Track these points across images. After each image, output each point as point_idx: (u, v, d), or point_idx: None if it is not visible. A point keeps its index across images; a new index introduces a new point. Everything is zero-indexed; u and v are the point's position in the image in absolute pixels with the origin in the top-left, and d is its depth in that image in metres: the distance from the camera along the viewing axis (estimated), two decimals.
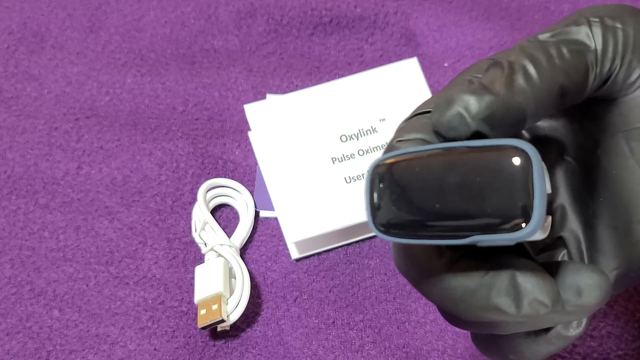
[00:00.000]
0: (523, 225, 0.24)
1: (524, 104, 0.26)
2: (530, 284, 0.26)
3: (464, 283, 0.27)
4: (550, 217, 0.28)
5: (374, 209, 0.26)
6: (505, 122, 0.26)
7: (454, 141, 0.26)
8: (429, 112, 0.29)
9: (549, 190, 0.26)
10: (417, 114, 0.30)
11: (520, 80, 0.26)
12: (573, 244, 0.31)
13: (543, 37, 0.27)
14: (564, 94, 0.27)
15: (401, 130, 0.30)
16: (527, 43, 0.27)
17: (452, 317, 0.29)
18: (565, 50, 0.27)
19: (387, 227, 0.26)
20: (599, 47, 0.27)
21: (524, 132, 0.32)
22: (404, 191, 0.26)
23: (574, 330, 0.28)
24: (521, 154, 0.24)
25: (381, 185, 0.26)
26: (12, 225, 0.49)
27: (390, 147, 0.29)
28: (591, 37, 0.27)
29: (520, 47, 0.27)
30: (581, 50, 0.27)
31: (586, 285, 0.26)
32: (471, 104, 0.25)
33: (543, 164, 0.24)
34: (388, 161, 0.26)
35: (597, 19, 0.27)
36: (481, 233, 0.25)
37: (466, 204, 0.25)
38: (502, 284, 0.26)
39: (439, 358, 0.45)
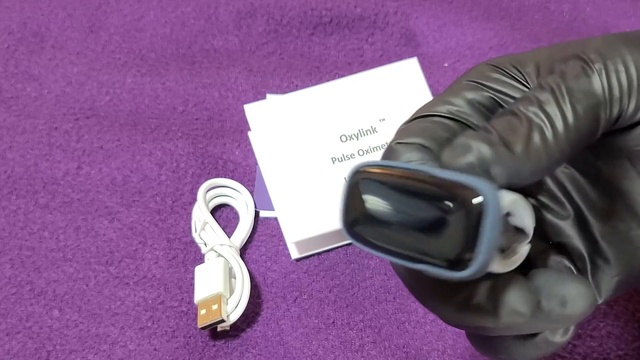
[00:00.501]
0: (464, 267, 0.24)
1: (535, 165, 0.26)
2: (508, 295, 0.26)
3: (445, 292, 0.28)
4: (526, 248, 0.28)
5: (346, 211, 0.27)
6: (511, 180, 0.26)
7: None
8: (430, 115, 0.30)
9: (528, 225, 0.27)
10: (417, 117, 0.30)
11: (536, 141, 0.26)
12: (575, 250, 0.32)
13: (552, 82, 0.27)
14: (575, 148, 0.27)
15: (401, 132, 0.30)
16: (543, 95, 0.27)
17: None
18: (579, 109, 0.27)
19: (354, 231, 0.27)
20: (607, 95, 0.27)
21: None
22: (372, 203, 0.26)
23: (561, 338, 0.29)
24: (478, 196, 0.24)
25: (356, 191, 0.27)
26: (12, 225, 0.49)
27: (389, 149, 0.29)
28: (601, 87, 0.27)
29: (537, 100, 0.27)
30: (594, 105, 0.27)
31: (571, 296, 0.27)
32: (486, 158, 0.26)
33: (500, 210, 0.24)
34: (366, 169, 0.27)
35: (600, 64, 0.27)
36: (427, 264, 0.25)
37: (419, 234, 0.25)
38: (481, 295, 0.27)
39: (439, 358, 0.45)
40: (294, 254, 0.48)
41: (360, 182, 0.27)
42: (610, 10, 0.57)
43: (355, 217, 0.27)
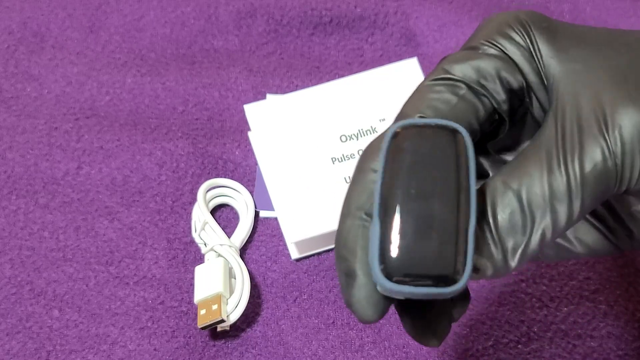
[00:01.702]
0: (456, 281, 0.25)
1: (526, 262, 0.27)
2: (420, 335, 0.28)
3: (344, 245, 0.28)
4: None
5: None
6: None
7: None
8: (454, 79, 0.28)
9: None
10: (440, 78, 0.29)
11: (534, 247, 0.26)
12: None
13: (571, 168, 0.26)
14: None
15: (416, 101, 0.29)
16: (557, 182, 0.26)
17: None
18: (587, 201, 0.26)
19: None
20: (619, 181, 0.26)
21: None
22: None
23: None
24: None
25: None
26: (12, 225, 0.49)
27: (402, 115, 0.29)
28: (615, 176, 0.26)
29: (550, 190, 0.26)
30: (604, 192, 0.26)
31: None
32: (485, 271, 0.27)
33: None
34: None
35: (619, 150, 0.26)
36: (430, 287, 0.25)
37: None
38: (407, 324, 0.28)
39: (439, 358, 0.44)
40: (294, 254, 0.48)
41: (436, 130, 0.26)
42: (610, 10, 0.57)
43: (404, 137, 0.26)
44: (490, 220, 0.26)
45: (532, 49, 0.29)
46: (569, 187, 0.26)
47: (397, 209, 0.25)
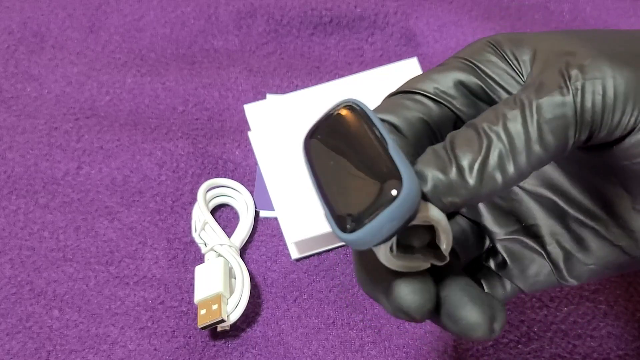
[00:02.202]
0: (348, 231, 0.25)
1: (490, 191, 0.26)
2: (400, 297, 0.27)
3: (367, 272, 0.29)
4: (424, 264, 0.28)
5: (313, 127, 0.29)
6: (466, 204, 0.27)
7: None
8: (413, 92, 0.30)
9: (443, 249, 0.27)
10: (402, 92, 0.30)
11: (492, 165, 0.26)
12: (548, 232, 0.32)
13: (525, 97, 0.27)
14: (536, 168, 0.27)
15: (380, 106, 0.30)
16: (511, 113, 0.26)
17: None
18: (545, 129, 0.26)
19: (309, 146, 0.28)
20: (579, 118, 0.26)
21: None
22: (336, 134, 0.28)
23: None
24: (398, 189, 0.25)
25: (333, 118, 0.29)
26: (12, 225, 0.49)
27: None
28: (573, 109, 0.26)
29: (504, 117, 0.26)
30: (562, 126, 0.26)
31: (466, 322, 0.27)
32: (440, 189, 0.26)
33: (411, 211, 0.25)
34: (355, 106, 0.29)
35: (579, 84, 0.26)
36: (328, 209, 0.26)
37: (344, 182, 0.27)
38: (380, 287, 0.28)
39: (439, 358, 0.44)
40: (294, 254, 0.48)
41: (337, 115, 0.28)
42: (610, 10, 0.57)
43: (313, 137, 0.28)
44: (448, 146, 0.27)
45: (501, 51, 0.30)
46: (522, 114, 0.26)
47: (325, 181, 0.27)
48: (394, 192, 0.25)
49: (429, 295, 0.27)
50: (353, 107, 0.28)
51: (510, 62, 0.30)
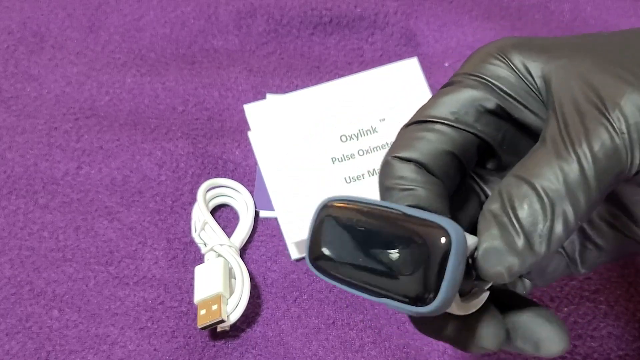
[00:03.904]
0: (428, 302, 0.25)
1: (553, 251, 0.27)
2: (477, 333, 0.28)
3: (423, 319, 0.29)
4: (485, 294, 0.28)
5: (312, 245, 0.28)
6: (524, 271, 0.27)
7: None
8: (430, 121, 0.29)
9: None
10: (418, 121, 0.30)
11: (558, 233, 0.26)
12: None
13: (580, 150, 0.26)
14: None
15: (399, 142, 0.30)
16: (569, 167, 0.26)
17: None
18: (602, 184, 0.26)
19: (319, 265, 0.28)
20: (630, 159, 0.26)
21: None
22: (339, 237, 0.27)
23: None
24: (446, 236, 0.25)
25: (323, 225, 0.27)
26: (11, 225, 0.49)
27: (386, 164, 0.30)
28: (625, 154, 0.26)
29: (564, 174, 0.26)
30: (618, 173, 0.26)
31: (545, 341, 0.28)
32: (515, 266, 0.26)
33: (466, 250, 0.25)
34: (335, 204, 0.28)
35: (623, 126, 0.26)
36: (391, 299, 0.26)
37: (384, 268, 0.26)
38: (451, 330, 0.28)
39: (439, 358, 0.44)
40: (294, 254, 0.48)
41: (324, 220, 0.28)
42: (611, 10, 0.57)
43: (319, 253, 0.28)
44: (511, 214, 0.26)
45: (512, 65, 0.29)
46: (581, 168, 0.26)
47: (366, 282, 0.27)
48: (443, 240, 0.25)
49: (503, 327, 0.28)
50: (335, 204, 0.28)
51: (522, 77, 0.29)
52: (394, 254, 0.26)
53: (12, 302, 0.46)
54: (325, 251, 0.27)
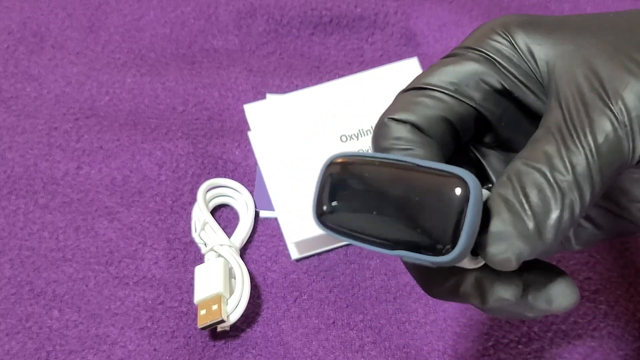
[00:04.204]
0: (446, 251, 0.25)
1: (560, 239, 0.27)
2: (495, 285, 0.28)
3: (436, 276, 0.29)
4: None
5: (319, 201, 0.27)
6: (532, 257, 0.27)
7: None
8: (429, 88, 0.29)
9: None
10: (416, 87, 0.30)
11: (566, 221, 0.26)
12: None
13: (585, 142, 0.27)
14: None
15: (395, 104, 0.30)
16: (577, 158, 0.26)
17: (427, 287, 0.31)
18: (606, 174, 0.26)
19: (326, 220, 0.27)
20: (632, 152, 0.27)
21: None
22: (349, 191, 0.27)
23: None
24: (463, 185, 0.25)
25: (331, 181, 0.27)
26: (11, 225, 0.49)
27: (381, 124, 0.30)
28: (627, 147, 0.27)
29: (572, 166, 0.26)
30: (621, 165, 0.27)
31: (557, 296, 0.29)
32: (524, 252, 0.26)
33: (482, 199, 0.25)
34: (342, 160, 0.27)
35: (625, 119, 0.27)
36: (407, 249, 0.26)
37: (400, 219, 0.26)
38: (468, 284, 0.28)
39: (439, 358, 0.44)
40: (294, 254, 0.48)
41: (332, 175, 0.27)
42: (611, 9, 0.57)
43: (327, 208, 0.27)
44: (523, 200, 0.26)
45: (515, 45, 0.29)
46: (587, 160, 0.26)
47: (379, 233, 0.27)
48: (461, 189, 0.25)
49: (518, 277, 0.28)
50: (342, 160, 0.27)
51: (524, 58, 0.29)
52: (411, 204, 0.25)
53: (12, 302, 0.46)
54: (334, 205, 0.27)
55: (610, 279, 0.46)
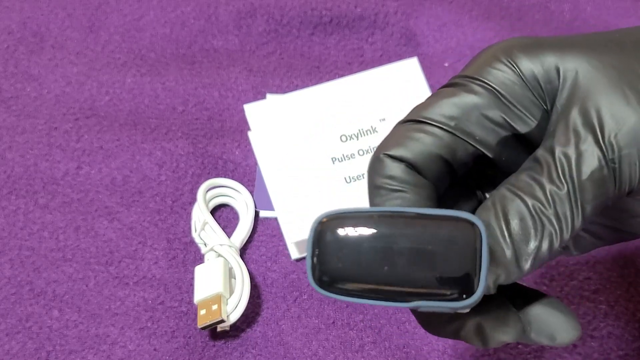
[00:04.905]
0: (465, 296, 0.25)
1: (538, 267, 0.27)
2: (495, 331, 0.28)
3: (437, 317, 0.29)
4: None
5: (314, 264, 0.26)
6: (507, 282, 0.27)
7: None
8: (426, 122, 0.29)
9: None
10: (413, 120, 0.29)
11: (544, 251, 0.27)
12: None
13: (568, 176, 0.27)
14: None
15: (391, 139, 0.29)
16: (559, 194, 0.26)
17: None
18: (588, 209, 0.27)
19: (328, 284, 0.26)
20: (618, 188, 0.27)
21: None
22: (350, 251, 0.25)
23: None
24: (473, 227, 0.25)
25: (326, 242, 0.26)
26: (11, 225, 0.49)
27: (376, 159, 0.29)
28: (614, 184, 0.27)
29: (553, 200, 0.26)
30: (604, 201, 0.27)
31: (560, 332, 0.29)
32: (500, 278, 0.27)
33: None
34: (334, 217, 0.26)
35: (615, 156, 0.26)
36: (424, 299, 0.25)
37: (414, 270, 0.25)
38: (470, 330, 0.28)
39: (439, 358, 0.44)
40: (294, 254, 0.48)
41: (326, 237, 0.26)
42: (611, 10, 0.57)
43: (328, 272, 0.26)
44: (504, 226, 0.27)
45: (519, 72, 0.29)
46: (568, 195, 0.26)
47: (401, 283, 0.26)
48: (472, 231, 0.25)
49: (519, 319, 0.29)
50: (334, 218, 0.26)
51: (528, 84, 0.28)
52: (424, 254, 0.25)
53: (12, 302, 0.46)
54: (336, 268, 0.25)
55: (610, 279, 0.46)
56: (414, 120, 0.29)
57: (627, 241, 0.32)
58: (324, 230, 0.26)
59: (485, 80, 0.29)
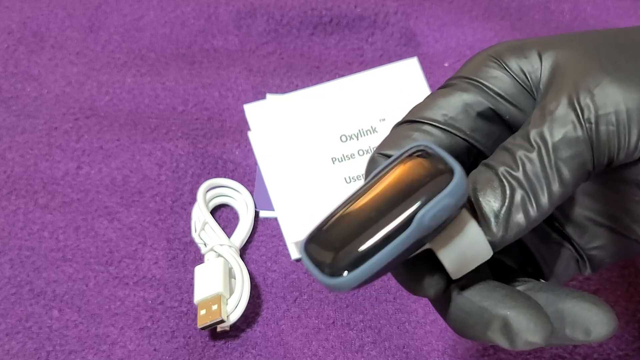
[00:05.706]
0: (452, 178, 0.25)
1: (516, 236, 0.27)
2: (523, 328, 0.27)
3: (465, 317, 0.28)
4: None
5: (318, 262, 0.26)
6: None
7: None
8: (421, 122, 0.29)
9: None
10: (409, 121, 0.30)
11: (519, 219, 0.26)
12: (576, 234, 0.32)
13: (540, 139, 0.27)
14: (558, 204, 0.27)
15: (387, 140, 0.30)
16: (530, 156, 0.26)
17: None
18: (565, 172, 0.26)
19: (342, 267, 0.26)
20: (595, 151, 0.27)
21: None
22: (339, 227, 0.26)
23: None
24: (423, 147, 0.26)
25: (315, 241, 0.26)
26: (11, 225, 0.49)
27: (372, 160, 0.30)
28: (589, 144, 0.26)
29: (523, 164, 0.26)
30: (581, 164, 0.27)
31: (595, 326, 0.27)
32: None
33: (464, 196, 0.26)
34: (313, 232, 0.26)
35: (591, 116, 0.26)
36: (425, 205, 0.25)
37: (400, 195, 0.25)
38: (496, 326, 0.27)
39: (439, 358, 0.44)
40: (294, 254, 0.48)
41: (314, 238, 0.26)
42: (611, 10, 0.57)
43: (338, 258, 0.26)
44: (472, 197, 0.27)
45: (507, 67, 0.29)
46: (540, 155, 0.26)
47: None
48: (422, 152, 0.26)
49: (547, 317, 0.27)
50: (310, 235, 0.27)
51: (516, 77, 0.29)
52: (400, 182, 0.26)
53: (12, 302, 0.46)
54: (338, 247, 0.26)
55: (610, 279, 0.46)
56: (409, 121, 0.30)
57: (632, 256, 0.32)
58: (309, 240, 0.26)
59: (477, 79, 0.29)
